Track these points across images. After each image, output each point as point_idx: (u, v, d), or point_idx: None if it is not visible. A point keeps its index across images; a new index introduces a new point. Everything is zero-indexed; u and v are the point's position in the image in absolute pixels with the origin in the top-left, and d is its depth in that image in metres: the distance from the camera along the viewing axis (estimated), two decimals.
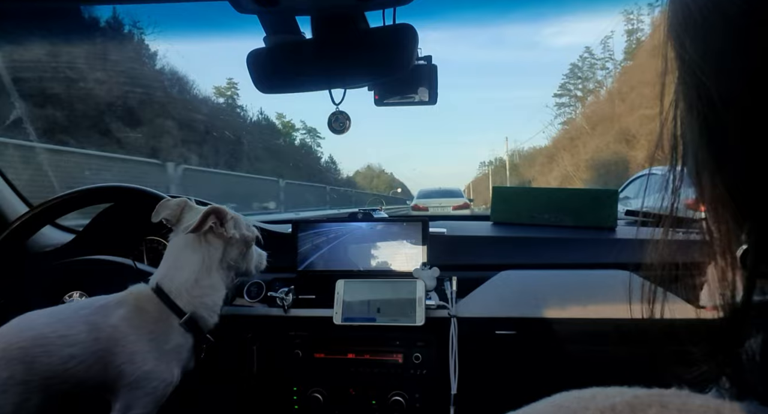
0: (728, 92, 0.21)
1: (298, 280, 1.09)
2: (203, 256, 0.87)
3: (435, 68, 0.88)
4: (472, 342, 0.95)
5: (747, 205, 0.22)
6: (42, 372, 0.72)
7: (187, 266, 0.86)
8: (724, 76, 0.22)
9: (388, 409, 0.96)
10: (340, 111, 0.87)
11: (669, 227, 0.27)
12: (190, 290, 0.84)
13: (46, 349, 0.73)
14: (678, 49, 0.25)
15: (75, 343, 0.74)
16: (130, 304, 0.81)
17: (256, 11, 0.73)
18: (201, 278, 0.86)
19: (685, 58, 0.24)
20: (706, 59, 0.22)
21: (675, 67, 0.25)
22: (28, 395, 0.71)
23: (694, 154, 0.25)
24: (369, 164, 59.27)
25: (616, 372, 0.45)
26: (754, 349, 0.21)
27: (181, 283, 0.84)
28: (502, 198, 1.31)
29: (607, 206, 1.19)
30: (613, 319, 0.89)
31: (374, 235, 1.11)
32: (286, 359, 1.02)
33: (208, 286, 0.87)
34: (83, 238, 1.27)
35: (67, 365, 0.73)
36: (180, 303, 0.83)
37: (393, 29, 0.77)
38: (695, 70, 0.23)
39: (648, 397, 0.20)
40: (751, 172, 0.21)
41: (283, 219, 1.44)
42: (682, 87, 0.25)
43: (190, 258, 0.86)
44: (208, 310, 0.87)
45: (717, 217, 0.24)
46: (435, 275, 1.00)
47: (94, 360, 0.75)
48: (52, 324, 0.76)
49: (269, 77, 0.83)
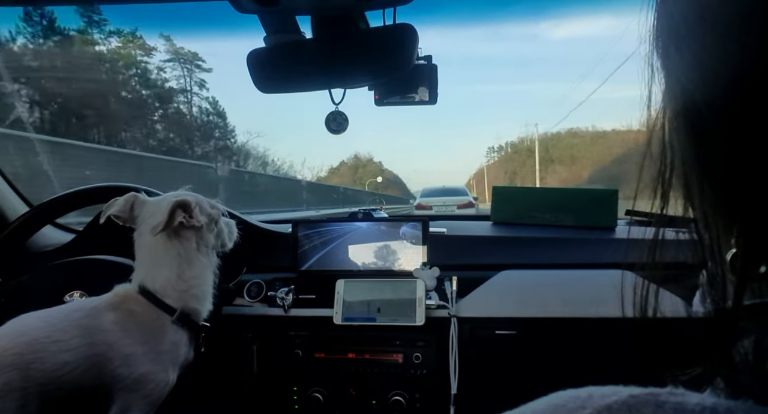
0: (713, 98, 0.22)
1: (298, 279, 1.09)
2: (178, 250, 0.84)
3: (435, 68, 0.88)
4: (472, 342, 0.95)
5: (735, 208, 0.22)
6: (37, 378, 0.71)
7: (165, 264, 0.83)
8: (709, 83, 0.22)
9: (388, 409, 0.96)
10: (339, 111, 0.87)
11: (660, 229, 0.27)
12: (175, 286, 0.83)
13: (40, 356, 0.72)
14: (663, 57, 0.25)
15: (69, 348, 0.74)
16: (120, 307, 0.80)
17: (256, 11, 0.73)
18: (183, 272, 0.84)
19: (670, 66, 0.25)
20: (690, 66, 0.23)
21: (661, 75, 0.26)
22: (25, 401, 0.70)
23: (682, 159, 0.25)
24: (356, 153, 56.78)
25: (616, 372, 0.45)
26: (747, 350, 0.21)
27: (164, 281, 0.83)
28: (502, 198, 1.31)
29: (607, 206, 1.19)
30: (613, 318, 0.89)
31: (374, 234, 1.11)
32: (287, 359, 1.02)
33: (192, 278, 0.85)
34: (83, 238, 1.27)
35: (61, 371, 0.72)
36: (169, 301, 0.82)
37: (393, 29, 0.77)
38: (680, 77, 0.24)
39: (644, 396, 0.20)
40: (738, 177, 0.21)
41: (283, 219, 1.44)
42: (668, 94, 0.26)
43: (165, 255, 0.84)
44: (199, 300, 0.86)
45: (706, 222, 0.24)
46: (435, 275, 1.00)
47: (89, 365, 0.74)
48: (46, 329, 0.74)
49: (269, 77, 0.83)
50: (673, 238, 0.27)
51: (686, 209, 0.26)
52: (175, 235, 0.84)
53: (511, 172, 51.31)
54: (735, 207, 0.22)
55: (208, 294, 0.89)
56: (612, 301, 0.91)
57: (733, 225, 0.23)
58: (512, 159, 53.35)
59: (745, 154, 0.21)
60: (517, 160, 51.65)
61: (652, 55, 0.26)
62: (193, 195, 0.89)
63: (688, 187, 0.25)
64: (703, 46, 0.22)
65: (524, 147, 50.77)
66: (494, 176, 54.06)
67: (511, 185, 9.74)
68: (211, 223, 0.90)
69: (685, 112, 0.24)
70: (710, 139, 0.23)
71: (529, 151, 46.37)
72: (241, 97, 20.00)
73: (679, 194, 0.26)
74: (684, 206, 0.26)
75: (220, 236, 0.94)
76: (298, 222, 1.14)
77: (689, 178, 0.25)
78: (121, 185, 1.13)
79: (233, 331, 1.04)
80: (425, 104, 0.91)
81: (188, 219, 0.84)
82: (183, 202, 0.84)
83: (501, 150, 60.88)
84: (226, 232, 0.95)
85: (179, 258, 0.84)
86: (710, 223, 0.24)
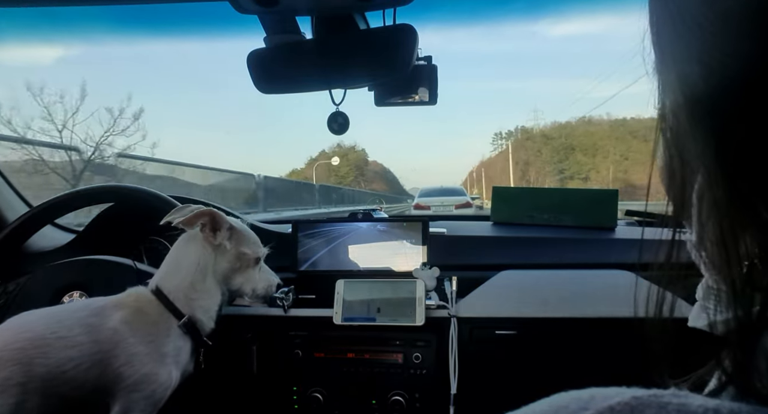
0: (716, 97, 0.21)
1: (298, 280, 1.09)
2: (199, 259, 0.85)
3: (435, 68, 0.88)
4: (472, 342, 0.95)
5: (753, 214, 0.21)
6: (40, 374, 0.71)
7: (183, 268, 0.85)
8: (721, 81, 0.21)
9: (388, 409, 0.96)
10: (339, 112, 0.87)
11: (675, 229, 0.27)
12: (186, 293, 0.84)
13: (44, 351, 0.72)
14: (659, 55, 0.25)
15: (74, 345, 0.74)
16: (129, 307, 0.81)
17: (256, 11, 0.73)
18: (196, 281, 0.85)
19: (669, 62, 0.24)
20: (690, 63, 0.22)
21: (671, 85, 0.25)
22: (25, 396, 0.70)
23: (693, 165, 0.25)
24: (339, 142, 53.40)
25: (617, 372, 0.45)
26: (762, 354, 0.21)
27: (177, 284, 0.84)
28: (502, 198, 1.31)
29: (607, 206, 1.19)
30: (613, 318, 0.89)
31: (374, 235, 1.11)
32: (286, 359, 1.02)
33: (203, 290, 0.86)
34: (83, 238, 1.27)
35: (65, 367, 0.73)
36: (179, 305, 0.83)
37: (393, 29, 0.77)
38: (680, 72, 0.23)
39: (647, 397, 0.20)
40: (758, 179, 0.21)
41: (283, 219, 1.44)
42: (668, 89, 0.25)
43: (187, 259, 0.85)
44: (205, 314, 0.86)
45: (722, 231, 0.23)
46: (435, 275, 1.00)
47: (93, 362, 0.75)
48: (51, 325, 0.75)
49: (269, 77, 0.83)
50: (684, 238, 0.27)
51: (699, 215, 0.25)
52: (202, 243, 0.86)
53: (523, 161, 47.66)
54: (752, 212, 0.21)
55: (213, 312, 0.88)
56: (612, 301, 0.91)
57: (747, 232, 0.22)
58: (524, 147, 48.82)
59: (761, 155, 0.20)
60: (531, 148, 47.31)
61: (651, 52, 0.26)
62: (240, 223, 0.90)
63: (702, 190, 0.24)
64: (699, 48, 0.22)
65: (538, 132, 47.51)
66: (501, 169, 49.70)
67: (517, 184, 9.77)
68: (235, 258, 0.88)
69: (688, 107, 0.23)
70: (726, 141, 0.22)
71: (544, 137, 43.57)
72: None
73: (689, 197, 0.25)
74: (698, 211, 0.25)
75: (245, 279, 0.90)
76: (298, 222, 1.14)
77: (704, 178, 0.24)
78: (121, 186, 1.14)
79: (233, 331, 1.04)
80: (425, 105, 0.91)
81: (208, 231, 0.85)
82: (213, 213, 0.84)
83: (510, 136, 55.80)
84: (256, 282, 0.92)
85: (197, 266, 0.85)
86: (726, 233, 0.23)
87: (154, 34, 2.13)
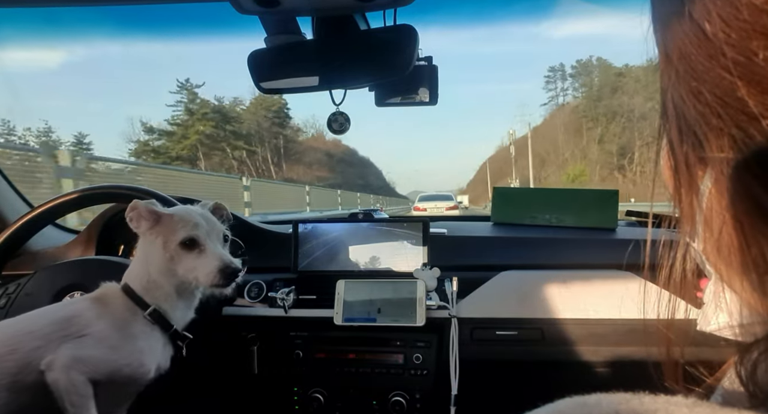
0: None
1: (299, 280, 1.09)
2: (145, 254, 0.86)
3: (435, 69, 0.88)
4: (473, 342, 0.95)
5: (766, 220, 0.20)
6: (9, 368, 0.73)
7: (138, 262, 0.87)
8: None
9: (389, 409, 0.96)
10: (340, 111, 0.88)
11: (678, 232, 0.26)
12: (145, 285, 0.85)
13: (13, 348, 0.74)
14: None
15: (41, 336, 0.75)
16: (99, 299, 0.83)
17: (257, 12, 0.73)
18: (149, 274, 0.85)
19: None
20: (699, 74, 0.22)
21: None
22: None
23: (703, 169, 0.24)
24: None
25: (618, 374, 0.45)
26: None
27: (138, 279, 0.85)
28: (503, 198, 1.31)
29: (607, 206, 1.19)
30: (614, 319, 0.89)
31: (375, 235, 1.11)
32: (287, 360, 1.02)
33: (154, 282, 0.85)
34: (83, 238, 1.27)
35: (32, 356, 0.74)
36: (146, 298, 0.84)
37: (393, 30, 0.77)
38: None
39: (654, 404, 0.19)
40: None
41: (283, 219, 1.44)
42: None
43: (141, 253, 0.87)
44: (169, 305, 0.86)
45: (735, 237, 0.22)
46: (435, 276, 1.00)
47: (59, 346, 0.76)
48: (21, 323, 0.77)
49: (270, 78, 0.83)
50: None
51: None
52: (145, 236, 0.85)
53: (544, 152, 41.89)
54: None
55: (175, 301, 0.85)
56: (613, 302, 0.91)
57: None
58: (542, 135, 41.34)
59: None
60: (570, 127, 38.49)
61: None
62: (162, 208, 0.85)
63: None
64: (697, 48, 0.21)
65: (568, 108, 40.68)
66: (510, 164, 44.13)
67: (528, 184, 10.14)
68: (161, 245, 0.82)
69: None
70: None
71: (579, 113, 34.21)
72: None
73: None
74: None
75: (183, 268, 0.81)
76: (299, 222, 1.14)
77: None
78: (121, 186, 1.13)
79: (233, 332, 1.04)
80: (426, 105, 0.91)
81: (135, 224, 0.84)
82: (136, 205, 0.83)
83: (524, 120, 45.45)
84: (198, 269, 0.81)
85: (145, 260, 0.85)
86: (750, 239, 0.21)
87: (155, 36, 2.14)
